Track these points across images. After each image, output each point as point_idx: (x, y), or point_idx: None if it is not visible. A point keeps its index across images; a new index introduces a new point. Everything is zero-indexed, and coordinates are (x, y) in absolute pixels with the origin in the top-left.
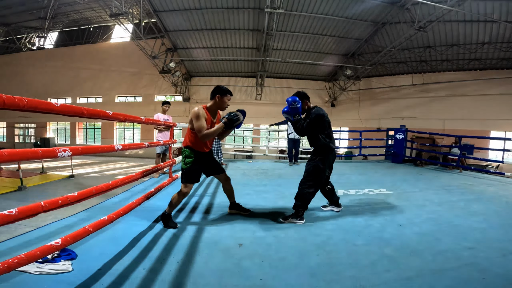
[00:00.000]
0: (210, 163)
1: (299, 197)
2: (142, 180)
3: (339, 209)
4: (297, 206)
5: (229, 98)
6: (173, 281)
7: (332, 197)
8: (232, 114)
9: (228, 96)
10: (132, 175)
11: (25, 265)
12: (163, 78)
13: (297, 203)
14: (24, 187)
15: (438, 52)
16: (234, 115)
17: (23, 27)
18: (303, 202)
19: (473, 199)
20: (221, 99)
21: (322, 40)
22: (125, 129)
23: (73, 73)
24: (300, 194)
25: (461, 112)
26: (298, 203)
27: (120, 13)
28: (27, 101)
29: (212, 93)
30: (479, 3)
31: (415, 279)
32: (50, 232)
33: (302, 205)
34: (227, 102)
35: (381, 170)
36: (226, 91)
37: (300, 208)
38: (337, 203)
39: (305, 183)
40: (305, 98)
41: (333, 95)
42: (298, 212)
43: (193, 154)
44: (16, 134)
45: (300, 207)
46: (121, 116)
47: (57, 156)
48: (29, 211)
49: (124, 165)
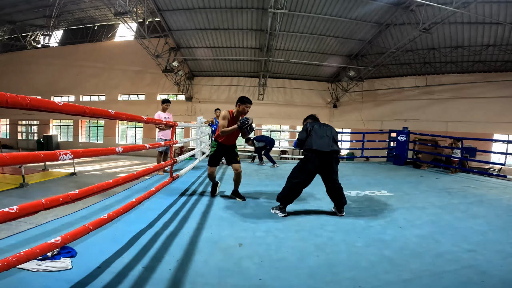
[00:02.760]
0: (229, 154)
1: (283, 189)
2: (143, 179)
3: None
4: (279, 198)
5: (248, 106)
6: (172, 280)
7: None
8: (243, 119)
9: (247, 105)
10: (133, 174)
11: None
12: (166, 77)
13: (279, 194)
14: (26, 184)
15: (442, 54)
16: (244, 119)
17: (29, 25)
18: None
19: (474, 201)
20: (241, 106)
21: (325, 41)
22: (127, 127)
23: (77, 71)
24: (284, 188)
25: (464, 115)
26: (280, 194)
27: (125, 12)
28: (30, 100)
29: (237, 101)
30: (484, 5)
31: (414, 281)
32: (50, 229)
33: (283, 196)
34: (246, 109)
35: (382, 172)
36: (245, 101)
37: (282, 200)
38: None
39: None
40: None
41: (336, 96)
42: (281, 203)
43: (217, 145)
44: (19, 131)
45: (282, 199)
46: (123, 115)
47: (58, 159)
48: (30, 208)
49: (126, 163)
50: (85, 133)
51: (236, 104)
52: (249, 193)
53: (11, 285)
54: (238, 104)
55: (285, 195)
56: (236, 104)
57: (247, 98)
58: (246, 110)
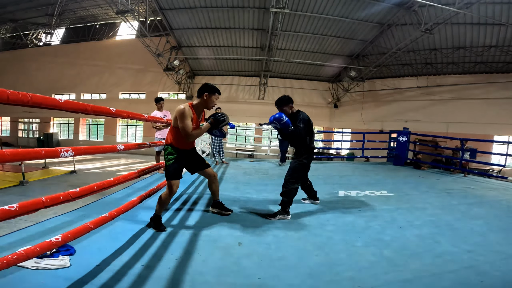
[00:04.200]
0: (193, 160)
1: (286, 194)
2: (143, 177)
3: (318, 202)
4: (284, 203)
5: (217, 97)
6: (171, 278)
7: (311, 192)
8: (219, 115)
9: (216, 95)
10: (133, 172)
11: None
12: (167, 75)
13: (284, 200)
14: (26, 181)
15: (444, 55)
16: (220, 115)
17: (30, 23)
18: (290, 198)
19: (474, 202)
20: (209, 97)
21: (326, 41)
22: (128, 125)
23: (78, 70)
24: (287, 191)
25: (465, 116)
26: (285, 199)
27: (126, 11)
28: (31, 97)
29: (199, 91)
30: (487, 6)
31: (414, 281)
32: (50, 227)
33: (289, 201)
34: (215, 101)
35: (382, 172)
36: (215, 90)
37: (288, 204)
38: (316, 197)
39: (291, 179)
40: (290, 102)
41: (337, 96)
42: (285, 208)
43: (175, 152)
44: (20, 128)
45: (288, 203)
46: (124, 113)
47: (60, 156)
48: (30, 206)
49: (126, 162)
50: (86, 131)
51: (200, 94)
52: (249, 193)
53: (8, 283)
54: (205, 94)
55: (290, 201)
56: (200, 95)
57: (214, 86)
58: (214, 104)
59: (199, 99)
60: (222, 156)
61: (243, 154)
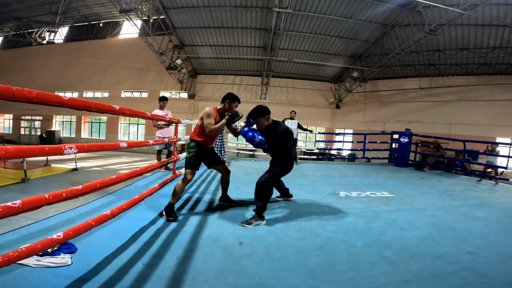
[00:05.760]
0: (211, 157)
1: (262, 197)
2: (145, 175)
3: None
4: (259, 208)
5: (236, 105)
6: (172, 277)
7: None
8: (234, 112)
9: (236, 103)
10: (136, 170)
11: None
12: (169, 74)
13: (259, 205)
14: (27, 179)
15: (447, 56)
16: (235, 112)
17: (34, 21)
18: (265, 203)
19: (475, 204)
20: (229, 104)
21: (329, 41)
22: (129, 124)
23: (81, 68)
24: (263, 193)
25: (468, 117)
26: (261, 204)
27: (130, 9)
28: (36, 94)
29: (223, 98)
30: (492, 7)
31: (414, 282)
32: (51, 225)
33: (264, 206)
34: (234, 108)
35: (384, 174)
36: (235, 99)
37: (263, 210)
38: (288, 193)
39: (267, 184)
40: (266, 113)
41: (339, 96)
42: (261, 213)
43: (197, 147)
44: (22, 126)
45: (262, 209)
46: (128, 111)
47: (63, 153)
48: (33, 203)
49: (128, 160)
50: (88, 129)
51: (223, 101)
52: (249, 192)
53: (9, 281)
54: (227, 101)
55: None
56: (223, 101)
57: (236, 96)
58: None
59: (222, 105)
60: (223, 155)
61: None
